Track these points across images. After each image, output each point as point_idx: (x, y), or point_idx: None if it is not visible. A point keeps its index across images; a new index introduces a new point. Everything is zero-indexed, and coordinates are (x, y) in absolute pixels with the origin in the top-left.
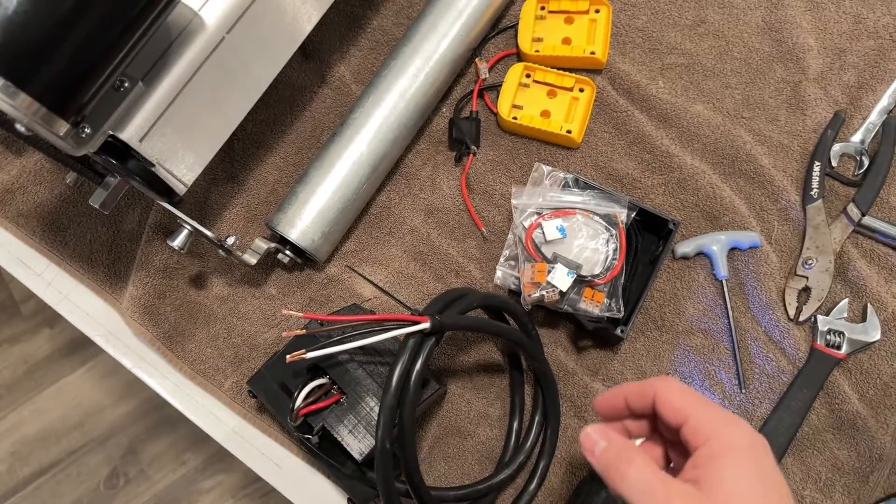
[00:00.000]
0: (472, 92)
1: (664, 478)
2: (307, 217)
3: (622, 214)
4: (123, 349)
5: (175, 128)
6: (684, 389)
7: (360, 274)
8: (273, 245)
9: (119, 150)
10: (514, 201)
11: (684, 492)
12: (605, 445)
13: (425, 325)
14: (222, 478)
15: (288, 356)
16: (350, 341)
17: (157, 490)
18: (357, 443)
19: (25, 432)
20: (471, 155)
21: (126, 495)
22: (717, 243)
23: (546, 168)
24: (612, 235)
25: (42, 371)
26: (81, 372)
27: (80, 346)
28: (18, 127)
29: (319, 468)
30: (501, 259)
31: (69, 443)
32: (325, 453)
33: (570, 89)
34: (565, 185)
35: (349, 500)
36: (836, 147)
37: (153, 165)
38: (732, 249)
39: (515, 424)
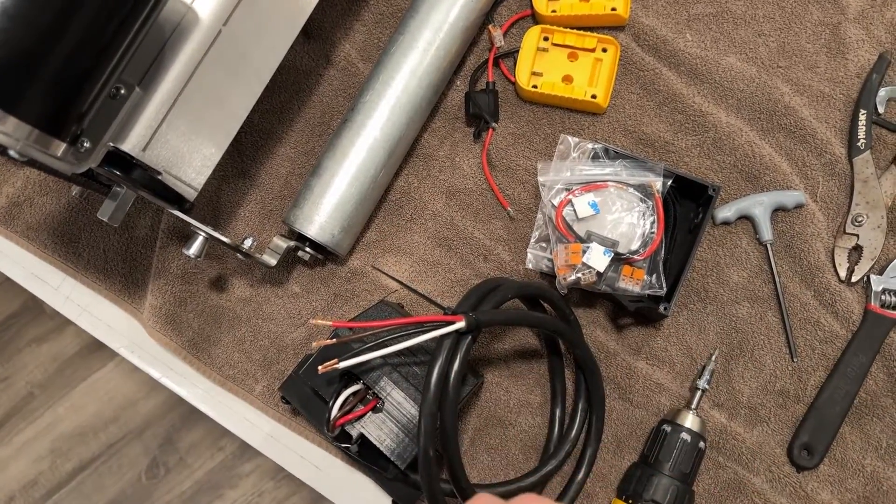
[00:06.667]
0: (486, 62)
1: None
2: (325, 211)
3: (657, 183)
4: (149, 359)
5: (179, 132)
6: None
7: (387, 274)
8: (292, 243)
9: (122, 160)
10: (540, 178)
11: None
12: None
13: (460, 325)
14: (260, 461)
15: (320, 367)
16: (382, 347)
17: (197, 477)
18: (398, 448)
19: (63, 429)
20: (490, 130)
21: (168, 484)
22: (759, 205)
23: (573, 140)
24: (648, 207)
25: (72, 368)
26: (111, 366)
27: None
28: (11, 153)
29: (360, 469)
30: (532, 241)
31: (107, 436)
32: (366, 459)
33: (593, 50)
34: (595, 157)
35: (393, 502)
36: (883, 92)
37: (159, 174)
38: (776, 210)
39: (558, 412)
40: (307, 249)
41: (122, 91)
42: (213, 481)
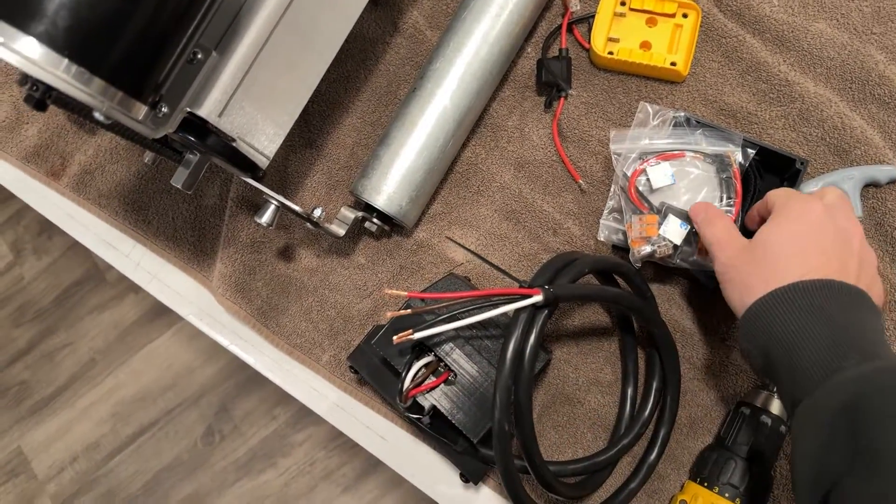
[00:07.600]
0: (560, 27)
1: (731, 236)
2: (392, 182)
3: (736, 154)
4: (218, 327)
5: (253, 98)
6: (786, 190)
7: (461, 245)
8: (360, 214)
9: (197, 127)
10: (613, 147)
11: (736, 241)
12: (704, 215)
13: (537, 298)
14: (313, 430)
15: (395, 337)
16: (456, 319)
17: (251, 445)
18: (470, 422)
19: (123, 394)
20: (562, 98)
21: (223, 451)
22: (848, 180)
23: (652, 108)
24: (725, 178)
25: (132, 336)
26: (169, 334)
27: (165, 310)
28: (96, 115)
29: (426, 441)
30: (604, 212)
31: (165, 403)
32: (436, 431)
33: (672, 15)
34: (676, 125)
35: (461, 475)
36: None
37: (234, 140)
38: (867, 186)
39: (630, 391)
40: (374, 220)
41: (200, 56)
42: (267, 449)
